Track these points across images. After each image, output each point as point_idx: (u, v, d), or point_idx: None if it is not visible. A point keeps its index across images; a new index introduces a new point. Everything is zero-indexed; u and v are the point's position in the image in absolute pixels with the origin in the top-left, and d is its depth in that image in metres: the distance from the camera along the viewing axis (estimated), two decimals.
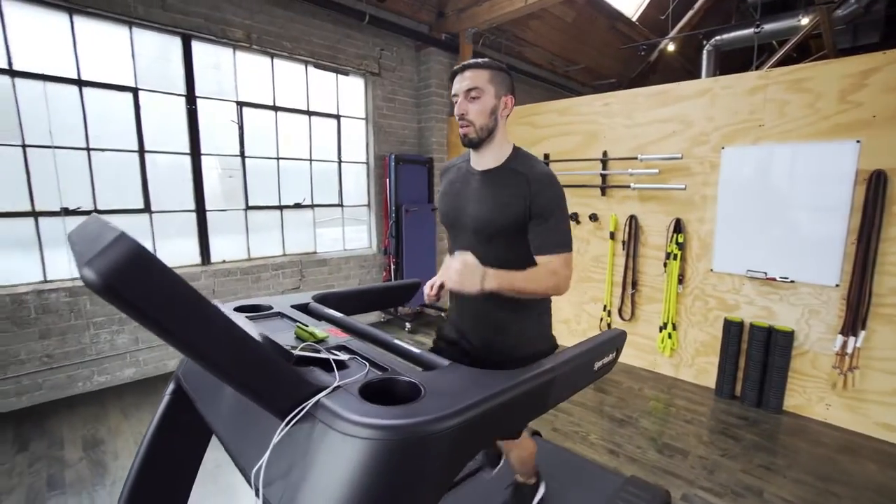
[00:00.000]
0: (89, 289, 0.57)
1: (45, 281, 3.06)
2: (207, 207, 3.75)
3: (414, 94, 5.02)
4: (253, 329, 1.07)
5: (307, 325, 1.03)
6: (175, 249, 3.63)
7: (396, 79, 4.81)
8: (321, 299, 1.38)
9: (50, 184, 3.00)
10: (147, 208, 3.44)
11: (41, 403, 3.00)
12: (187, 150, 3.59)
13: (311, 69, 4.24)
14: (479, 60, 1.31)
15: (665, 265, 3.43)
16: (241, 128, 3.87)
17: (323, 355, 0.84)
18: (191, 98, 3.55)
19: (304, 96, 4.25)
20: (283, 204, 4.25)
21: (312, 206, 4.47)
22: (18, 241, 2.95)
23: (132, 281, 0.57)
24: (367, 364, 0.89)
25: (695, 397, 3.22)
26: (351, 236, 4.87)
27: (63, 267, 3.11)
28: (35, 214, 2.98)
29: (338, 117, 4.53)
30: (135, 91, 3.28)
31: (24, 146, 2.91)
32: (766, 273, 3.02)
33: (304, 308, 1.28)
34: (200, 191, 3.68)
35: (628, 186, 3.53)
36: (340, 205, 4.70)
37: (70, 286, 3.06)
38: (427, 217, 4.85)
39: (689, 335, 3.41)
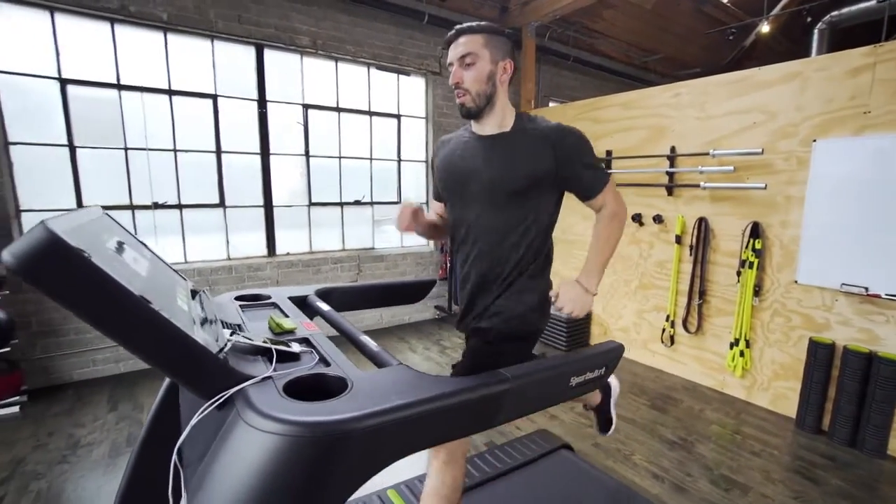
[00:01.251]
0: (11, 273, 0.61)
1: None
2: (274, 203, 4.05)
3: None
4: (241, 316, 1.12)
5: (280, 317, 1.07)
6: (245, 241, 3.97)
7: None
8: (324, 293, 1.42)
9: (144, 181, 3.45)
10: (222, 203, 3.80)
11: (132, 371, 3.46)
12: (258, 150, 3.90)
13: (373, 70, 4.40)
14: (474, 24, 1.22)
15: (738, 274, 3.04)
16: (305, 129, 4.12)
17: (266, 345, 0.86)
18: (262, 102, 3.86)
19: (366, 97, 4.42)
20: (343, 201, 4.46)
21: (371, 204, 4.64)
22: None
23: (46, 268, 0.61)
24: (318, 358, 0.89)
25: (768, 426, 2.82)
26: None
27: None
28: (132, 208, 3.44)
29: (398, 117, 4.64)
30: (214, 98, 3.65)
31: (125, 149, 3.37)
32: (867, 289, 2.54)
33: (301, 300, 1.32)
34: (268, 188, 3.99)
35: (698, 185, 3.18)
36: (399, 202, 4.81)
37: None
38: None
39: (765, 355, 2.99)
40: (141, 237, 3.59)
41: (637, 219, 3.62)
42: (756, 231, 2.95)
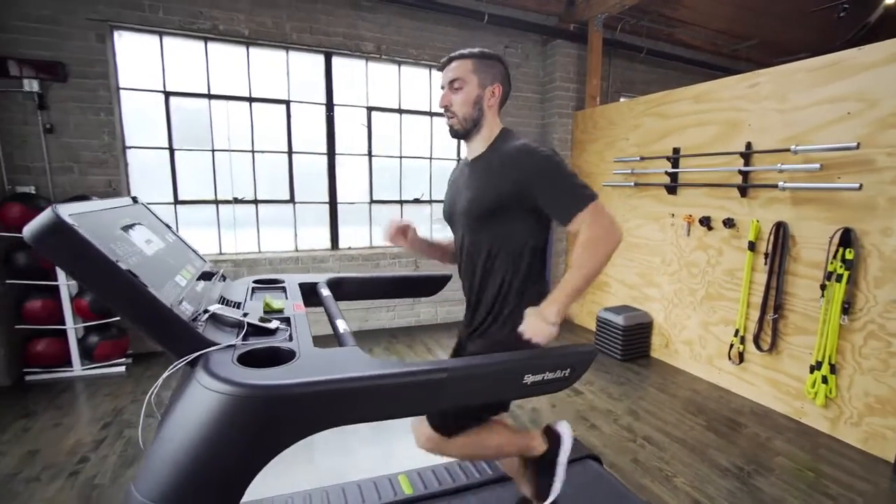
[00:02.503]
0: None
1: (220, 253, 3.98)
2: (338, 200, 4.33)
3: (538, 90, 4.88)
4: (247, 295, 1.25)
5: (273, 298, 1.18)
6: (311, 235, 4.30)
7: (520, 75, 4.75)
8: (335, 282, 1.52)
9: (226, 179, 3.89)
10: (292, 199, 4.16)
11: None
12: (324, 151, 4.21)
13: (434, 72, 4.51)
14: (465, 51, 1.28)
15: (823, 288, 2.65)
16: (369, 130, 4.35)
17: (241, 319, 0.96)
18: (329, 106, 4.15)
19: (427, 98, 4.54)
20: (403, 199, 4.63)
21: (430, 202, 4.76)
22: (205, 222, 3.91)
23: (48, 240, 0.77)
24: (287, 335, 0.98)
25: (855, 468, 2.42)
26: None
27: (230, 243, 4.00)
28: (217, 202, 3.90)
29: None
30: (287, 103, 4.00)
31: (212, 151, 3.84)
32: None
33: (310, 287, 1.43)
34: (333, 185, 4.29)
35: (776, 186, 2.83)
36: None
37: (233, 258, 3.91)
38: None
39: (855, 383, 2.58)
40: (223, 228, 3.99)
41: (705, 222, 3.30)
42: (847, 239, 2.55)
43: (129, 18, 3.38)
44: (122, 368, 3.37)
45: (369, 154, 4.40)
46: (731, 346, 3.19)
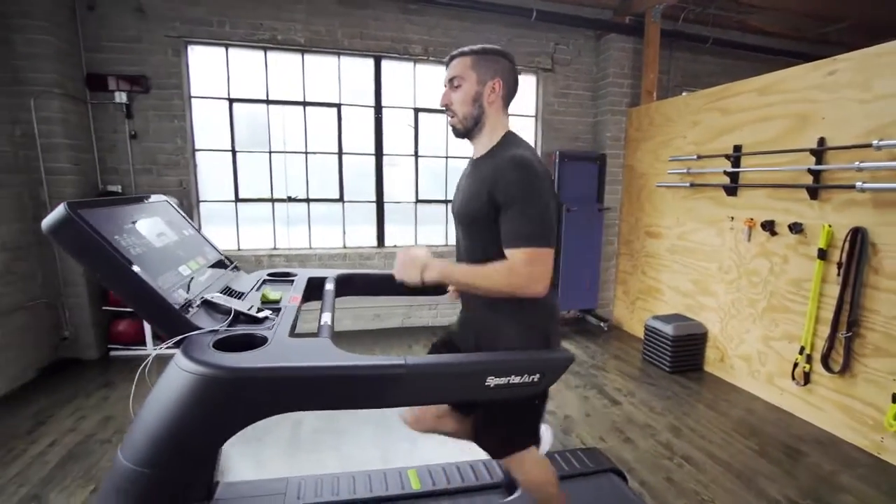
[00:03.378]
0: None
1: (274, 248, 4.26)
2: (385, 199, 4.47)
3: (590, 87, 4.70)
4: (255, 287, 1.35)
5: (271, 290, 1.25)
6: (359, 233, 4.47)
7: (571, 72, 4.60)
8: (344, 278, 1.58)
9: (281, 179, 4.16)
10: (341, 198, 4.36)
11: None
12: (372, 152, 4.36)
13: None
14: (466, 48, 1.25)
15: None
16: (416, 131, 4.44)
17: (230, 306, 1.04)
18: (378, 108, 4.29)
19: None
20: (448, 199, 4.67)
21: None
22: (262, 218, 4.21)
23: (60, 232, 0.89)
24: (274, 324, 1.04)
25: None
26: None
27: (283, 239, 4.27)
28: (272, 201, 4.19)
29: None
30: (338, 106, 4.19)
31: (269, 153, 4.12)
32: None
33: (318, 281, 1.50)
34: (380, 185, 4.43)
35: (853, 187, 2.49)
36: None
37: (286, 253, 4.18)
38: (592, 217, 4.50)
39: None
40: (278, 225, 4.24)
41: (768, 227, 2.99)
42: None
43: (200, 34, 3.73)
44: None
45: (415, 154, 4.49)
46: (796, 364, 2.86)
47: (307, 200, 4.28)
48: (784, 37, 5.06)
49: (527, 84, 4.67)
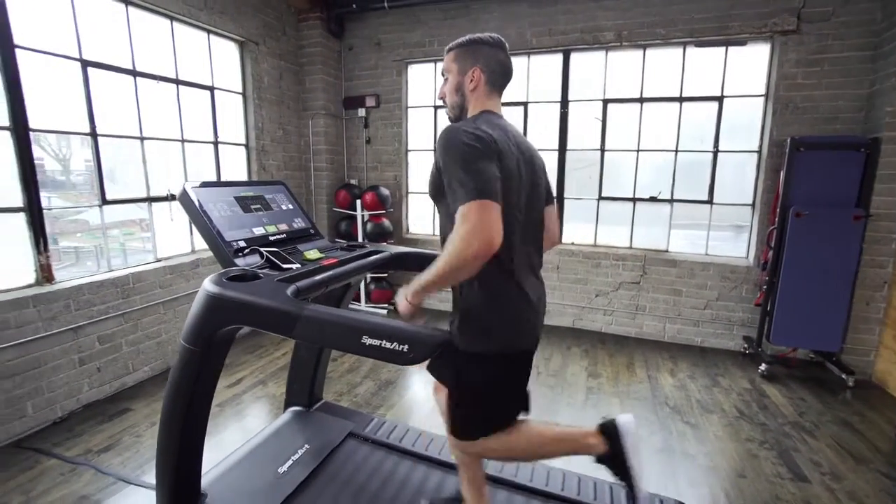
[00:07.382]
0: None
1: None
2: (565, 195, 4.40)
3: (867, 44, 3.34)
4: (317, 252, 1.78)
5: (314, 252, 1.62)
6: None
7: (830, 29, 3.40)
8: (400, 255, 1.84)
9: None
10: None
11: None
12: (556, 147, 4.35)
13: (689, 50, 3.83)
14: (452, 43, 1.37)
15: None
16: (603, 123, 4.18)
17: (264, 252, 1.46)
18: (564, 103, 4.25)
19: (678, 82, 3.92)
20: (636, 196, 4.21)
21: (671, 201, 4.12)
22: None
23: (180, 200, 1.47)
24: (286, 273, 1.40)
25: None
26: (719, 240, 4.07)
27: None
28: None
29: (720, 99, 3.83)
30: (525, 105, 4.37)
31: None
32: None
33: (373, 253, 1.80)
34: (562, 181, 4.38)
35: None
36: (710, 202, 4.01)
37: None
38: (843, 227, 3.25)
39: None
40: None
41: None
42: None
43: (416, 55, 4.56)
44: (384, 311, 4.69)
45: (602, 149, 4.23)
46: None
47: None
48: None
49: (753, 56, 3.71)
